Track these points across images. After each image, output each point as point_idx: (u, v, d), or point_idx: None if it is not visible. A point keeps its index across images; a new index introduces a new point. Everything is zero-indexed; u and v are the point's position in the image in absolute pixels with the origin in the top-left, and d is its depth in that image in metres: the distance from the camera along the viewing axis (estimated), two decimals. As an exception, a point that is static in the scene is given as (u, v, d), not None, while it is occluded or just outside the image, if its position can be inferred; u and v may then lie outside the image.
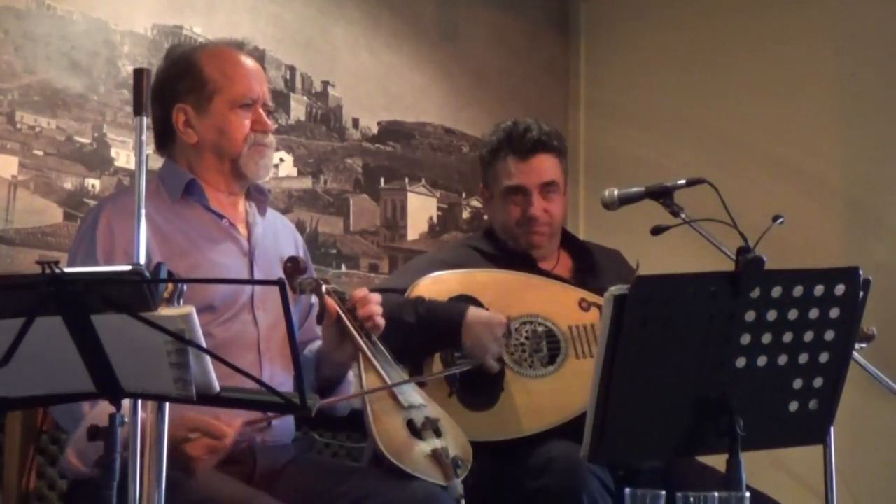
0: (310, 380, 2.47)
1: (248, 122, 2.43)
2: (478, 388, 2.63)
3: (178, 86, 2.42)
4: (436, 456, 2.24)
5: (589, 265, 2.98)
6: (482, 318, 2.64)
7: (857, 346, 2.80)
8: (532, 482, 2.47)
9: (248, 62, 2.50)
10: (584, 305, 2.78)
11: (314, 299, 2.48)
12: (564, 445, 2.48)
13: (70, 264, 2.31)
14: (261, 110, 2.46)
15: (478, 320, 2.63)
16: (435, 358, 2.68)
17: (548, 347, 2.71)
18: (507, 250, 2.94)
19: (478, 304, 2.73)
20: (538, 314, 2.74)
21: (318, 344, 2.54)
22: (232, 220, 2.46)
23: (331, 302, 2.39)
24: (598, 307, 2.72)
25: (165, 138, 2.47)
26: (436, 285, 2.77)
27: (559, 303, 2.77)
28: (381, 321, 2.40)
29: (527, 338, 2.71)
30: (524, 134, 2.89)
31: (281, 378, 2.36)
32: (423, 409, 2.34)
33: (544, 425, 2.61)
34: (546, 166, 2.90)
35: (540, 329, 2.72)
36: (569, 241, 3.04)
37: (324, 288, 2.41)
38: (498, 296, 2.75)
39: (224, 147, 2.43)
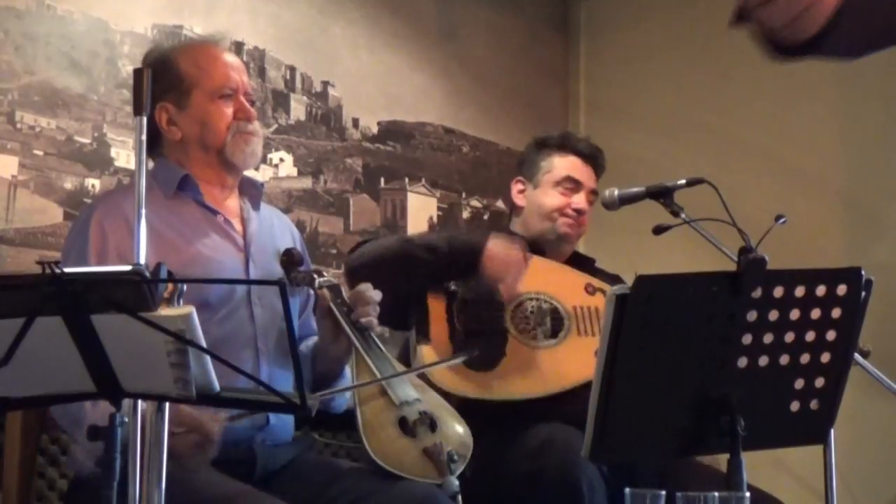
0: (306, 375, 2.47)
1: (229, 112, 2.43)
2: (481, 350, 2.66)
3: (156, 86, 2.41)
4: (428, 453, 2.24)
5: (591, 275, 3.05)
6: (501, 253, 2.70)
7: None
8: (530, 464, 2.48)
9: (224, 54, 2.50)
10: (590, 290, 2.87)
11: (312, 292, 2.48)
12: (562, 427, 2.51)
13: (63, 265, 2.30)
14: (242, 99, 2.45)
15: (497, 254, 2.69)
16: (428, 351, 2.70)
17: (552, 323, 2.78)
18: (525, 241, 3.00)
19: None
20: (546, 292, 2.80)
21: (314, 339, 2.54)
22: (226, 216, 2.45)
23: (323, 296, 2.39)
24: (604, 292, 2.82)
25: (153, 140, 2.47)
26: None
27: (567, 285, 2.84)
28: (372, 322, 2.40)
29: (532, 312, 2.77)
30: (585, 141, 3.14)
31: (279, 375, 2.35)
32: (417, 403, 2.32)
33: (543, 391, 2.67)
34: (595, 177, 3.11)
35: (545, 306, 2.79)
36: (573, 255, 3.14)
37: (317, 282, 2.41)
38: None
39: (207, 139, 2.42)
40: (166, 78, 2.42)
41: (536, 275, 2.82)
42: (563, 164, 3.07)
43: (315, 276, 2.44)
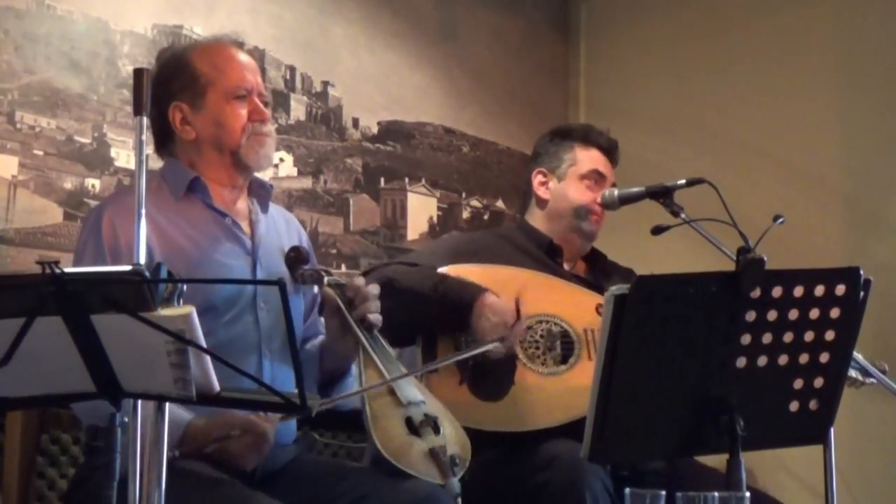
0: (313, 374, 2.47)
1: (244, 113, 2.43)
2: (489, 380, 2.63)
3: (171, 85, 2.42)
4: (433, 454, 2.24)
5: (603, 270, 3.06)
6: (495, 306, 2.63)
7: (867, 379, 2.83)
8: (535, 477, 2.48)
9: (240, 54, 2.50)
10: (601, 310, 2.79)
11: (318, 290, 2.49)
12: (568, 443, 2.49)
13: (76, 265, 2.31)
14: (257, 100, 2.45)
15: (490, 305, 2.63)
16: (439, 348, 2.69)
17: (562, 347, 2.72)
18: (539, 244, 3.00)
19: None
20: (555, 314, 2.76)
21: (322, 338, 2.54)
22: (235, 219, 2.45)
23: (330, 294, 2.39)
24: None
25: (165, 139, 2.47)
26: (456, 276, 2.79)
27: (577, 305, 2.78)
28: (377, 318, 2.40)
29: (541, 336, 2.72)
30: (606, 134, 3.09)
31: (284, 377, 2.35)
32: (422, 405, 2.32)
33: (552, 422, 2.61)
34: (613, 171, 3.08)
35: (555, 329, 2.74)
36: (590, 251, 3.12)
37: (325, 280, 2.42)
38: (517, 293, 2.76)
39: (223, 139, 2.42)
40: (181, 77, 2.42)
41: (547, 295, 2.78)
42: (588, 158, 3.04)
43: (323, 273, 2.44)
